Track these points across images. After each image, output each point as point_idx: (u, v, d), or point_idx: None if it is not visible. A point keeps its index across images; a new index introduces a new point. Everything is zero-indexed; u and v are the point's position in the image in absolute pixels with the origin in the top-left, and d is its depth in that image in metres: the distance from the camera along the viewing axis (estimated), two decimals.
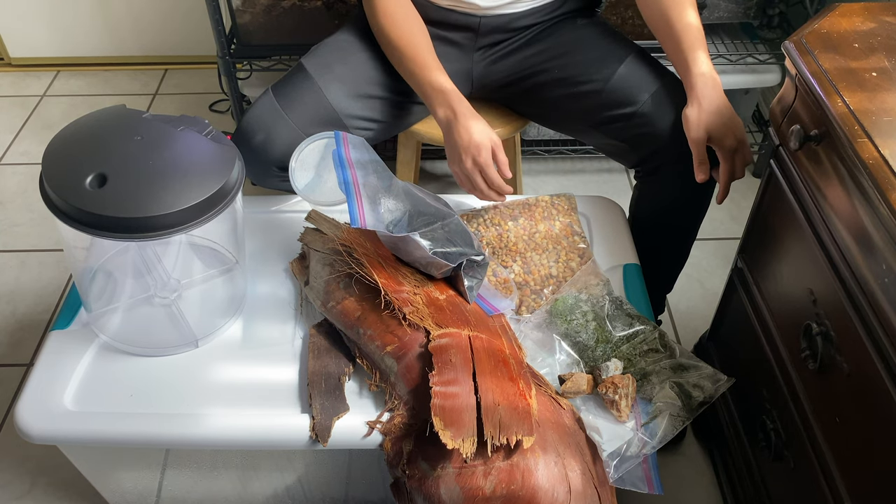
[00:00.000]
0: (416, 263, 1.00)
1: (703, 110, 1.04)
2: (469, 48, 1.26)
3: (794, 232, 0.93)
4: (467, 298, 0.99)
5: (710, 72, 1.07)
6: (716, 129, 1.04)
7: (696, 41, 1.08)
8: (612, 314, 1.02)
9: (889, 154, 0.74)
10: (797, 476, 0.95)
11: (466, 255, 0.97)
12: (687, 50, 1.08)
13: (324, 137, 1.08)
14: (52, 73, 2.25)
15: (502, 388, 0.86)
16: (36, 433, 0.92)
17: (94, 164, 0.87)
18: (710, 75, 1.06)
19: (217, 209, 0.89)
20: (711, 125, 1.04)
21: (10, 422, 1.34)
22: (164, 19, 2.17)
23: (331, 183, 1.09)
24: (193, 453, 1.00)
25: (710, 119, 1.04)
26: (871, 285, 0.75)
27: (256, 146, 1.14)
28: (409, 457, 0.86)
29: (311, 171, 1.10)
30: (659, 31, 1.14)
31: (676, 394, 0.93)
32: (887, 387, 0.73)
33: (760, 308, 1.04)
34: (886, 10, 0.95)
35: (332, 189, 1.09)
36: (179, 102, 2.15)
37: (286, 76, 1.20)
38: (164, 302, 1.03)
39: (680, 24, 1.10)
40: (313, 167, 1.10)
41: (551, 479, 0.83)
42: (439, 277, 1.01)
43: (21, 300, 1.57)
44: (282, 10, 1.56)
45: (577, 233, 1.14)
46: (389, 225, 1.02)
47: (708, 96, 1.05)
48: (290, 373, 0.97)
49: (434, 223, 1.00)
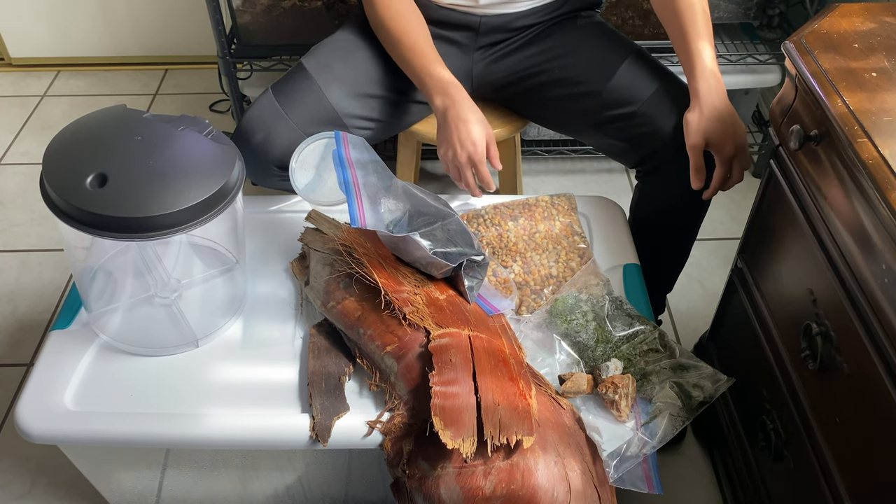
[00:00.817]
0: (416, 263, 1.00)
1: (703, 116, 1.04)
2: (469, 47, 1.26)
3: (793, 232, 0.93)
4: (467, 298, 0.99)
5: (712, 67, 1.06)
6: (715, 135, 1.03)
7: (701, 29, 1.07)
8: (612, 314, 1.02)
9: (889, 154, 0.74)
10: (797, 476, 0.95)
11: (466, 255, 0.97)
12: (692, 39, 1.07)
13: (324, 137, 1.08)
14: (52, 73, 2.25)
15: (502, 387, 0.86)
16: (36, 433, 0.92)
17: (94, 164, 0.87)
18: (713, 72, 1.05)
19: (217, 209, 0.89)
20: (710, 132, 1.03)
21: (10, 422, 1.34)
22: (164, 19, 2.17)
23: (331, 183, 1.09)
24: (194, 453, 1.00)
25: (710, 126, 1.03)
26: (870, 285, 0.75)
27: (256, 146, 1.14)
28: (410, 456, 0.86)
29: (311, 171, 1.10)
30: (664, 15, 1.12)
31: (676, 394, 0.93)
32: (887, 387, 0.73)
33: (760, 308, 1.05)
34: (886, 11, 0.95)
35: (333, 189, 1.09)
36: (180, 102, 2.16)
37: (286, 76, 1.20)
38: (164, 302, 1.03)
39: (686, 9, 1.08)
40: (313, 167, 1.10)
41: (551, 479, 0.83)
42: (439, 277, 1.01)
43: (21, 300, 1.57)
44: (282, 11, 1.56)
45: (577, 233, 1.14)
46: (389, 225, 1.02)
47: (710, 102, 1.04)
48: (290, 373, 0.97)
49: (434, 223, 1.00)
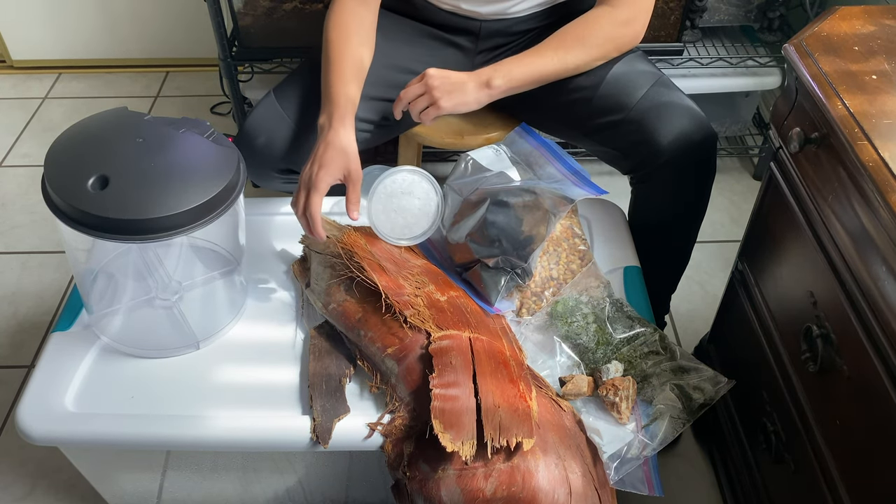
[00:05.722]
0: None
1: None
2: (471, 51, 1.26)
3: (794, 234, 0.94)
4: (490, 301, 1.01)
5: (510, 67, 1.11)
6: None
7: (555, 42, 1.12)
8: (612, 316, 1.02)
9: (889, 156, 0.74)
10: (797, 478, 0.95)
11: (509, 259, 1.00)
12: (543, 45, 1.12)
13: (391, 172, 1.03)
14: (53, 76, 2.25)
15: (503, 389, 0.86)
16: (37, 435, 0.92)
17: (95, 166, 0.87)
18: (500, 70, 1.11)
19: (218, 211, 0.89)
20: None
21: (11, 423, 1.34)
22: (165, 22, 2.17)
23: (409, 215, 1.05)
24: (194, 455, 1.01)
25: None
26: (871, 287, 0.76)
27: (259, 149, 1.14)
28: (410, 458, 0.86)
29: (388, 210, 1.04)
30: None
31: (677, 396, 0.93)
32: (887, 389, 0.73)
33: (761, 310, 1.05)
34: (886, 14, 0.96)
35: (414, 219, 1.05)
36: (181, 105, 2.16)
37: (287, 78, 1.21)
38: (165, 304, 1.03)
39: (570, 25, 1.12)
40: (391, 206, 1.04)
41: (552, 481, 0.83)
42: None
43: (22, 302, 1.57)
44: (283, 13, 1.57)
45: (577, 235, 1.14)
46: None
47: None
48: (290, 374, 0.97)
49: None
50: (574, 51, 1.11)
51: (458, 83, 1.08)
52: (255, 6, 1.55)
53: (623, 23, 1.12)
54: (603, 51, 1.13)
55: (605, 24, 1.12)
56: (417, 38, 1.26)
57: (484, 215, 1.01)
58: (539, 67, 1.11)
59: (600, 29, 1.12)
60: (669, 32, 1.60)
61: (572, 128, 1.22)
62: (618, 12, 1.11)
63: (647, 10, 1.13)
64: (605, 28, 1.12)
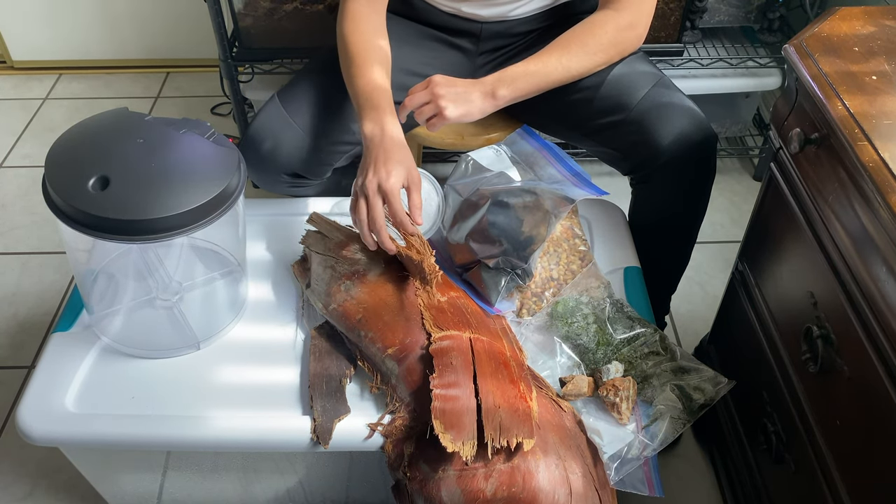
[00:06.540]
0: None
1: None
2: (472, 53, 1.27)
3: (794, 235, 0.94)
4: (490, 301, 1.01)
5: (514, 72, 1.09)
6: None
7: (560, 45, 1.10)
8: (612, 317, 1.02)
9: (889, 157, 0.74)
10: (797, 478, 0.95)
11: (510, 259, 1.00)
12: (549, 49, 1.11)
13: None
14: (54, 76, 2.25)
15: (503, 390, 0.86)
16: (37, 435, 0.92)
17: (96, 167, 0.87)
18: (509, 74, 1.09)
19: (219, 212, 0.89)
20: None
21: (11, 424, 1.35)
22: (166, 22, 2.17)
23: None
24: (195, 455, 1.01)
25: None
26: (871, 288, 0.76)
27: (265, 154, 1.14)
28: (410, 459, 0.86)
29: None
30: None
31: (677, 396, 0.93)
32: (887, 389, 0.73)
33: (761, 311, 1.05)
34: (886, 14, 0.96)
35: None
36: (181, 105, 2.16)
37: (291, 82, 1.21)
38: (165, 304, 1.03)
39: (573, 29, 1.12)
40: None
41: (552, 482, 0.83)
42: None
43: (23, 302, 1.57)
44: (284, 14, 1.57)
45: (577, 235, 1.14)
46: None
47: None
48: (291, 375, 0.97)
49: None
50: (578, 57, 1.11)
51: (464, 93, 1.06)
52: (256, 7, 1.55)
53: (626, 27, 1.12)
54: (607, 56, 1.13)
55: (609, 28, 1.11)
56: (419, 40, 1.26)
57: (484, 216, 1.01)
58: (544, 76, 1.10)
59: (604, 34, 1.11)
60: (669, 33, 1.60)
61: (573, 128, 1.22)
62: (621, 16, 1.11)
63: (648, 13, 1.13)
64: (609, 33, 1.11)
